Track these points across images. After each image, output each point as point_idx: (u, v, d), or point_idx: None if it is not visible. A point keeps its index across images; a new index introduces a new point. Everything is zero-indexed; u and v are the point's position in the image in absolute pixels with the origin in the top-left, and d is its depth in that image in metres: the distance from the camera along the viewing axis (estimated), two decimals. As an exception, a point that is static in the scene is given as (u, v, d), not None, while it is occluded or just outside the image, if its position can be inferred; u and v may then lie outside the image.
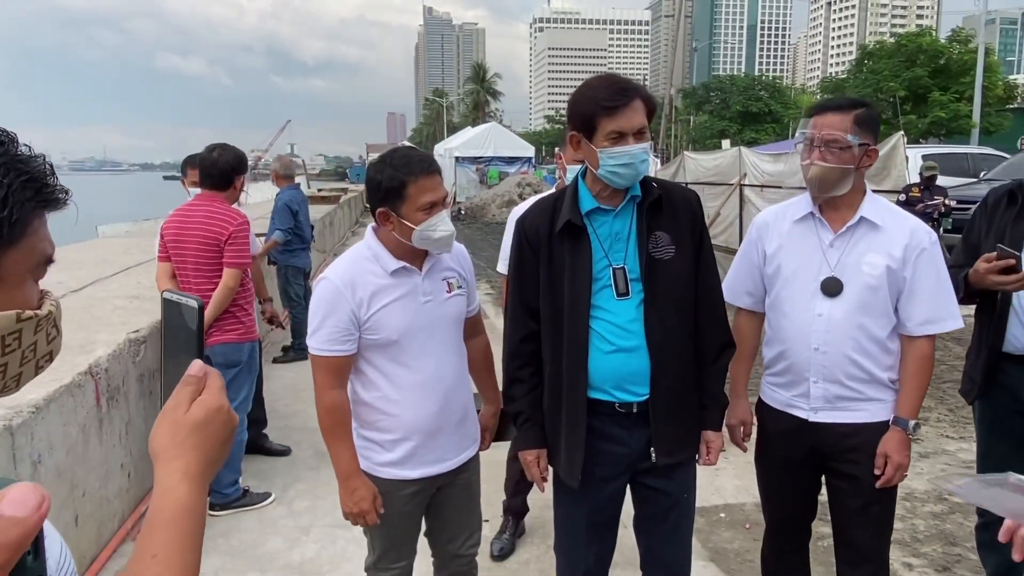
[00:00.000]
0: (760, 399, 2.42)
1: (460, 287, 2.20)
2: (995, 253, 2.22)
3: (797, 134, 2.19)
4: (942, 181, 10.76)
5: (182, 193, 4.71)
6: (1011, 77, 39.36)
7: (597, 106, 1.92)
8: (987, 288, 2.30)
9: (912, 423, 2.18)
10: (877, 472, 2.20)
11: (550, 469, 2.18)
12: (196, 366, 0.82)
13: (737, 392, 2.44)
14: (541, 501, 3.69)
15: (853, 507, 2.28)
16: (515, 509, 3.47)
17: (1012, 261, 2.19)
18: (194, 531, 0.76)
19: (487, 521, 3.65)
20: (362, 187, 28.48)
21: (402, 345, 2.08)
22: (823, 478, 2.36)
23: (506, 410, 2.22)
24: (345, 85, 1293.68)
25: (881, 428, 2.20)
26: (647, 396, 2.03)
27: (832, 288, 2.17)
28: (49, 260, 0.76)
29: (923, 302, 2.15)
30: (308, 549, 3.47)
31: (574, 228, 2.01)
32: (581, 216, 2.02)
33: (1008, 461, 2.41)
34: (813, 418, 2.23)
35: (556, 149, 3.40)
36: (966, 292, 2.37)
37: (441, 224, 2.03)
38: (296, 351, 6.71)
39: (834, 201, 2.18)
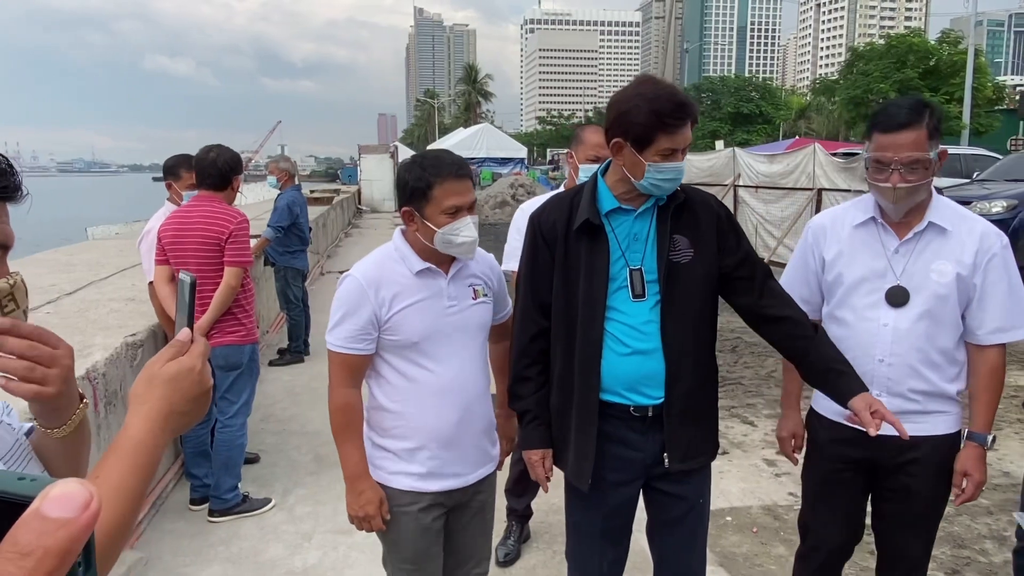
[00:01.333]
0: (812, 409, 2.33)
1: (486, 295, 2.15)
2: None
3: (866, 154, 2.03)
4: (936, 182, 10.77)
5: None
6: (999, 78, 39.66)
7: (659, 121, 1.84)
8: None
9: (990, 438, 2.11)
10: (956, 491, 2.13)
11: (555, 470, 2.14)
12: (184, 333, 0.95)
13: (790, 403, 2.39)
14: (545, 505, 3.66)
15: (903, 521, 2.21)
16: (520, 513, 3.43)
17: None
18: (142, 464, 0.86)
19: (491, 526, 3.62)
20: (354, 188, 28.22)
21: (423, 348, 2.02)
22: (870, 496, 2.28)
23: (511, 408, 2.17)
24: (335, 86, 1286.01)
25: (944, 441, 2.13)
26: (662, 399, 1.99)
27: (898, 298, 2.08)
28: (4, 246, 0.88)
29: (994, 309, 2.06)
30: (310, 556, 3.42)
31: (592, 227, 1.98)
32: (600, 215, 1.98)
33: None
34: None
35: (567, 149, 3.35)
36: None
37: (464, 229, 1.99)
38: (292, 353, 6.65)
39: None
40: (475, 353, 2.11)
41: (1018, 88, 42.35)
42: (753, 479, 4.15)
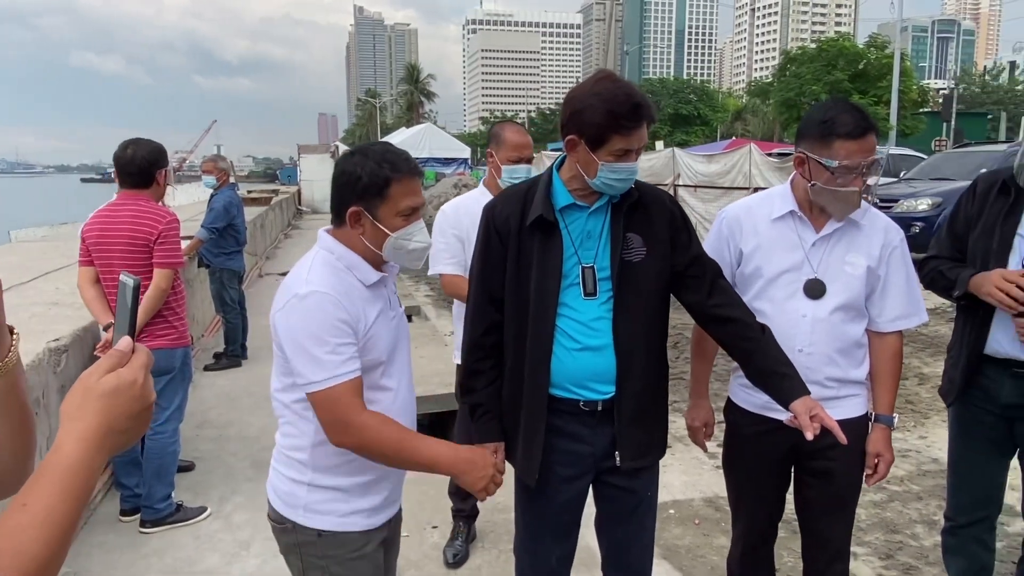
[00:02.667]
0: (731, 401, 2.39)
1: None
2: (1022, 272, 2.17)
3: (832, 163, 2.03)
4: (872, 180, 11.16)
5: (105, 195, 4.45)
6: (924, 82, 41.38)
7: (614, 122, 1.82)
8: (982, 296, 2.27)
9: (895, 418, 2.23)
10: (869, 471, 2.23)
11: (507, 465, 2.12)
12: (124, 341, 0.87)
13: (700, 392, 2.43)
14: (491, 504, 3.62)
15: (829, 504, 2.29)
16: (466, 513, 3.40)
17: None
18: (74, 489, 0.78)
19: (436, 527, 3.58)
20: (294, 189, 27.66)
21: (385, 366, 1.84)
22: (792, 477, 2.35)
23: (464, 402, 2.13)
24: (273, 85, 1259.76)
25: (855, 424, 2.21)
26: (612, 394, 1.99)
27: (816, 290, 2.16)
28: None
29: (895, 298, 2.18)
30: (248, 564, 3.32)
31: (545, 223, 1.96)
32: (554, 211, 1.97)
33: (982, 463, 2.46)
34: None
35: (488, 148, 3.31)
36: (952, 290, 2.36)
37: (418, 234, 1.81)
38: (229, 358, 6.46)
39: None
40: (410, 364, 2.00)
41: (941, 91, 44.33)
42: (695, 472, 4.21)
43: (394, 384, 1.87)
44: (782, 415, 2.08)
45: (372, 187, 1.73)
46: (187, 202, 17.53)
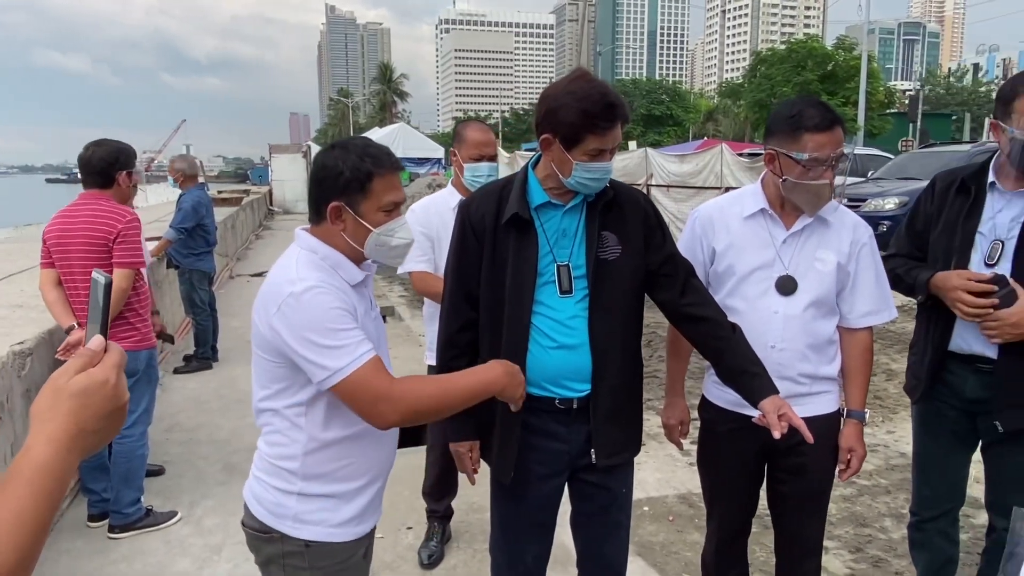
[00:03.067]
0: (705, 399, 2.40)
1: None
2: (988, 276, 2.20)
3: (802, 155, 2.05)
4: (840, 180, 11.35)
5: (70, 196, 4.37)
6: (890, 83, 42.14)
7: (589, 122, 1.82)
8: (942, 297, 2.30)
9: (867, 414, 2.27)
10: (842, 466, 2.27)
11: (482, 463, 2.13)
12: (96, 340, 0.86)
13: (675, 390, 2.44)
14: (465, 504, 3.63)
15: (801, 500, 2.31)
16: (441, 514, 3.39)
17: (993, 301, 2.17)
18: (46, 492, 0.77)
19: (411, 528, 3.56)
20: (265, 189, 27.35)
21: None
22: (765, 480, 2.38)
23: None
24: (243, 84, 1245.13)
25: (827, 420, 2.24)
26: (587, 392, 2.00)
27: (787, 286, 2.18)
28: None
29: (865, 294, 2.22)
30: (220, 569, 3.27)
31: (521, 221, 1.96)
32: (529, 209, 1.97)
33: (945, 458, 2.50)
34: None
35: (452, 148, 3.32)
36: (914, 289, 2.39)
37: (401, 230, 1.75)
38: (199, 360, 6.37)
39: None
40: (389, 364, 1.94)
41: (908, 93, 45.13)
42: (669, 469, 4.24)
43: None
44: (746, 410, 2.12)
45: (354, 182, 1.68)
46: (157, 202, 17.28)
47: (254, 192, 22.90)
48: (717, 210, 2.32)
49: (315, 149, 25.91)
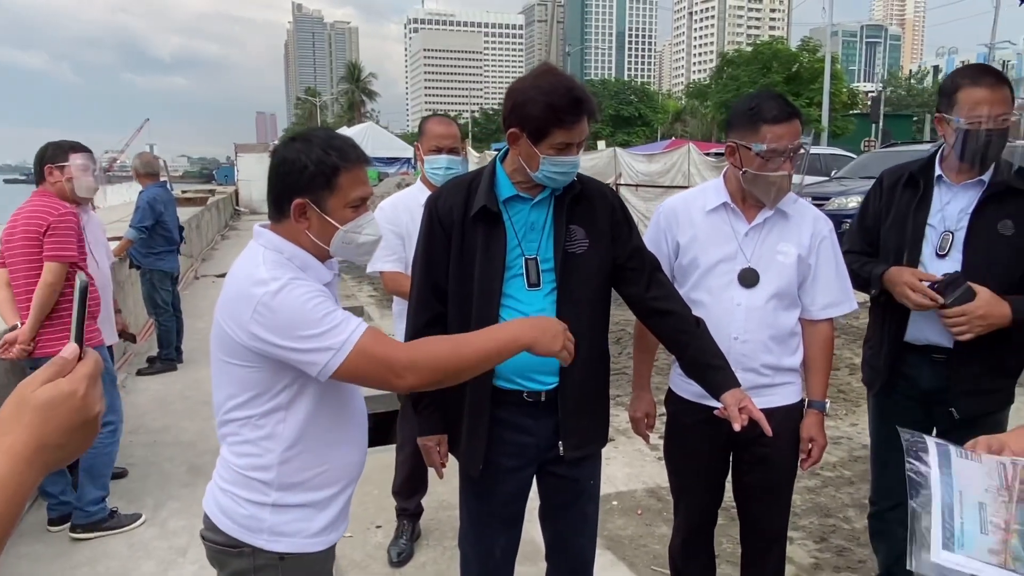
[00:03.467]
0: (671, 391, 2.43)
1: None
2: (941, 279, 2.24)
3: (760, 146, 2.09)
4: (798, 179, 11.57)
5: (27, 196, 4.30)
6: (853, 85, 42.96)
7: (555, 117, 1.83)
8: (891, 290, 2.35)
9: (827, 404, 2.32)
10: (803, 455, 2.31)
11: (450, 457, 2.13)
12: (70, 348, 0.82)
13: (642, 384, 2.47)
14: (435, 502, 3.62)
15: (765, 489, 2.35)
16: (411, 512, 3.37)
17: (937, 302, 2.23)
18: (2, 507, 0.73)
19: (380, 527, 3.54)
20: (231, 189, 26.98)
21: None
22: (731, 470, 2.41)
23: (407, 395, 2.11)
24: (208, 83, 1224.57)
25: (789, 411, 2.29)
26: (555, 385, 2.01)
27: (750, 279, 2.22)
28: None
29: (826, 287, 2.27)
30: (185, 571, 3.23)
31: (489, 214, 1.96)
32: (498, 202, 1.97)
33: (903, 448, 2.55)
34: (738, 426, 2.21)
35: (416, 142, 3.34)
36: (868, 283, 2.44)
37: (368, 226, 1.68)
38: (163, 361, 6.27)
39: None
40: None
41: (870, 94, 46.02)
42: (638, 464, 4.27)
43: (351, 390, 1.79)
44: (710, 401, 2.14)
45: (319, 177, 1.59)
46: (118, 202, 16.97)
47: (220, 192, 22.61)
48: (681, 204, 2.35)
49: (282, 148, 25.56)
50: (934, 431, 2.50)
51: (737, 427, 1.90)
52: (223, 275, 1.76)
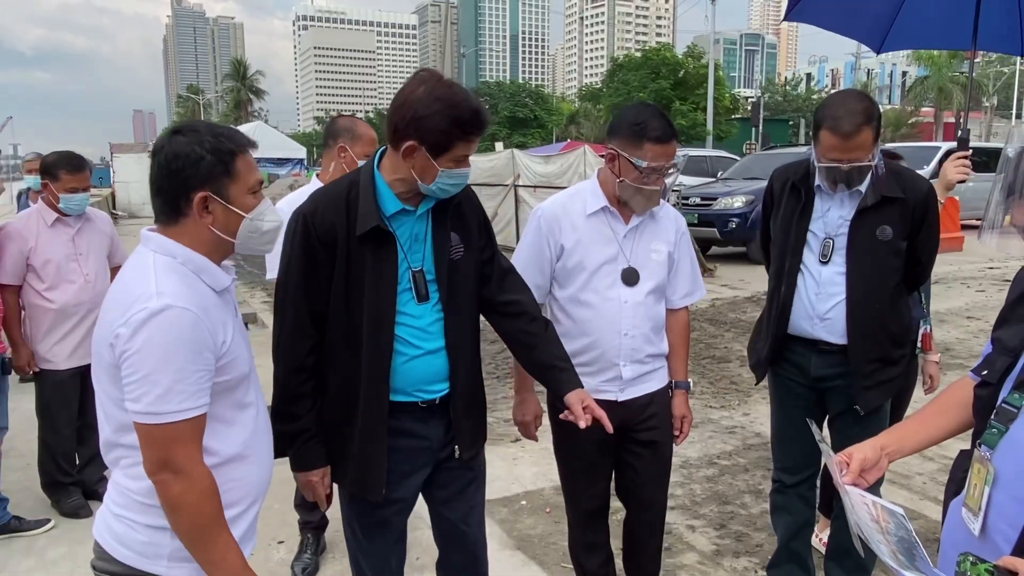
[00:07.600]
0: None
1: None
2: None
3: (642, 163, 2.18)
4: (687, 181, 12.10)
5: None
6: (735, 90, 45.15)
7: (460, 131, 1.81)
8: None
9: (691, 383, 2.55)
10: (676, 432, 2.51)
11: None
12: None
13: (526, 387, 2.51)
14: (340, 513, 3.51)
15: (655, 471, 2.50)
16: (315, 525, 3.26)
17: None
18: None
19: (282, 542, 3.41)
20: (107, 191, 25.45)
21: (248, 380, 1.66)
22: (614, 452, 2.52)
23: (285, 430, 1.92)
24: (76, 78, 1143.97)
25: (664, 392, 2.48)
26: (447, 391, 2.02)
27: (631, 278, 2.35)
28: None
29: (684, 278, 2.49)
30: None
31: (380, 233, 1.88)
32: (386, 220, 1.90)
33: (800, 429, 2.69)
34: (621, 398, 2.38)
35: (339, 143, 3.22)
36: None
37: (269, 212, 1.63)
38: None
39: None
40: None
41: (750, 99, 48.44)
42: (545, 463, 4.29)
43: (253, 399, 1.70)
44: (603, 395, 2.29)
45: (219, 165, 1.53)
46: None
47: (94, 195, 21.25)
48: (561, 208, 2.41)
49: (165, 148, 24.37)
50: (827, 417, 2.68)
51: (583, 425, 1.99)
52: (158, 308, 1.59)
